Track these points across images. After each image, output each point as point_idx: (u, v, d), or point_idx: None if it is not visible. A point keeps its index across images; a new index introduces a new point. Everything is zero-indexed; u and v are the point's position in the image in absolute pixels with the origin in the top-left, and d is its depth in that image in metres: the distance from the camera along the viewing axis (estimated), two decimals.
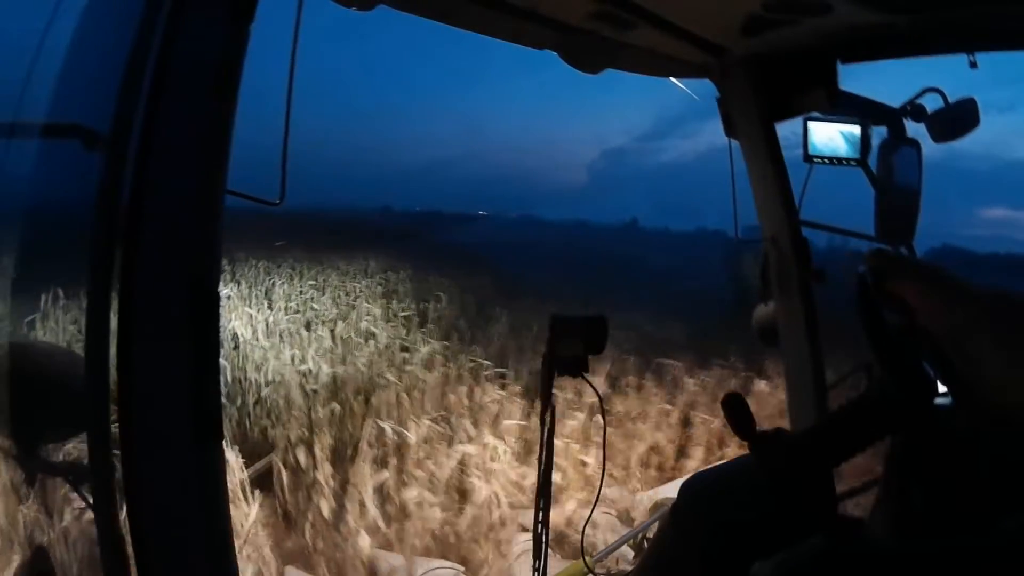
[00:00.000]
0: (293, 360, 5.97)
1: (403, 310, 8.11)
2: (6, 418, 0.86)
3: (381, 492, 4.17)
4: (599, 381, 6.00)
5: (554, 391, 1.46)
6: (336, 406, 5.05)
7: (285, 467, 4.32)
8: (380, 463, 4.43)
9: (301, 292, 8.47)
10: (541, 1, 1.43)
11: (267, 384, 5.56)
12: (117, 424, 0.70)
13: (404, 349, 6.65)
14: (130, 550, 0.70)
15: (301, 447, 4.43)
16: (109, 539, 0.73)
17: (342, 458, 4.51)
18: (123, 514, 0.71)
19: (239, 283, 8.31)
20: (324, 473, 4.26)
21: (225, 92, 0.73)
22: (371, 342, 6.70)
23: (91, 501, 0.75)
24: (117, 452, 0.70)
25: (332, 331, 6.92)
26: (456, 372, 5.92)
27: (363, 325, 7.21)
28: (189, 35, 0.72)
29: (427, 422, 4.78)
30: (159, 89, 0.71)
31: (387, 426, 4.65)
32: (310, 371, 5.81)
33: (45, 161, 0.94)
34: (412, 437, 4.58)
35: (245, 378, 5.70)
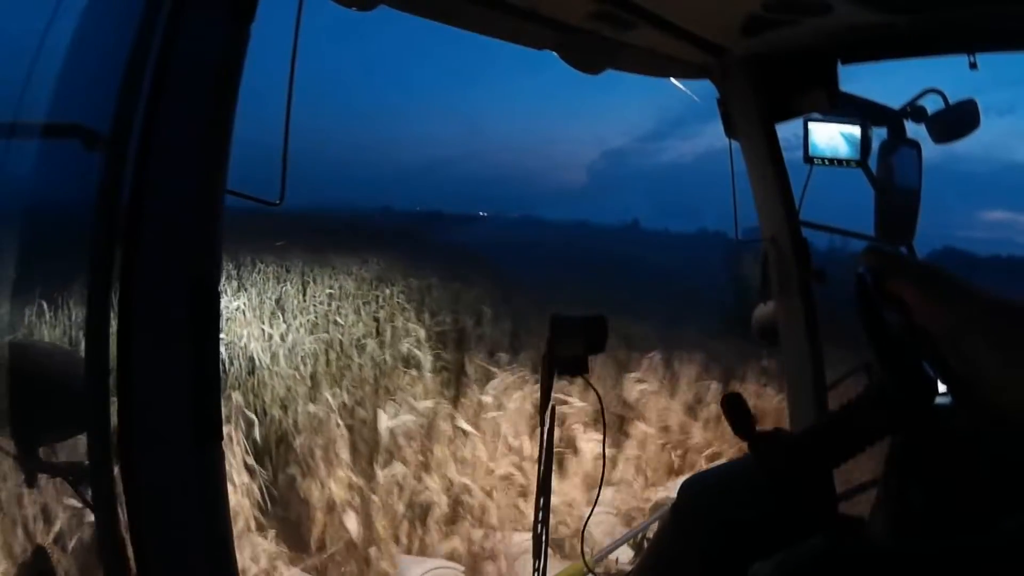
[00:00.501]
0: (333, 397, 4.80)
1: (437, 325, 6.83)
2: (6, 418, 0.86)
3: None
4: (676, 409, 5.31)
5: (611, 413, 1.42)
6: (400, 467, 4.08)
7: (324, 533, 3.57)
8: (458, 536, 3.70)
9: (320, 303, 7.18)
10: (541, 1, 1.43)
11: (299, 430, 4.40)
12: (117, 424, 0.70)
13: (444, 371, 5.60)
14: (130, 550, 0.70)
15: (351, 515, 3.69)
16: (109, 539, 0.73)
17: (410, 533, 3.76)
18: (123, 514, 0.71)
19: (246, 290, 7.22)
20: (387, 555, 3.59)
21: (225, 92, 0.73)
22: (416, 369, 5.61)
23: (91, 501, 0.75)
24: (117, 452, 0.70)
25: (362, 352, 5.86)
26: (533, 409, 4.69)
27: (404, 348, 5.92)
28: (189, 35, 0.72)
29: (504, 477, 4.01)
30: (159, 89, 0.71)
31: (462, 485, 3.90)
32: (344, 405, 4.77)
33: (45, 161, 0.94)
34: (494, 504, 3.86)
35: (265, 413, 4.60)
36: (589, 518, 2.03)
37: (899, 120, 1.86)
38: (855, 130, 1.84)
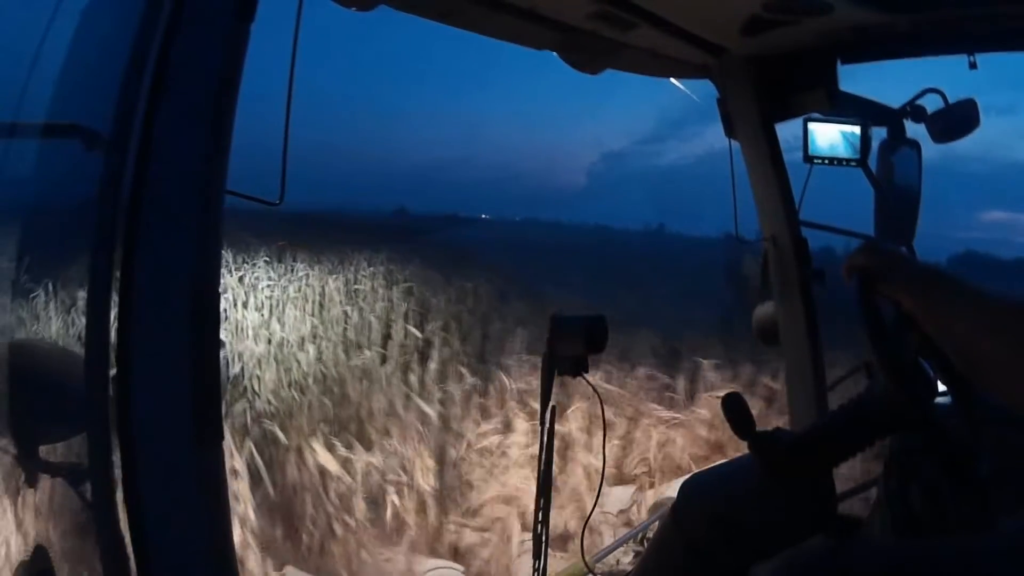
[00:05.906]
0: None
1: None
2: (6, 418, 0.86)
3: None
4: None
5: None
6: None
7: None
8: None
9: (362, 342, 6.06)
10: (541, 1, 1.43)
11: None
12: (117, 424, 0.70)
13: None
14: (130, 550, 0.70)
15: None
16: (109, 539, 0.73)
17: None
18: (123, 514, 0.71)
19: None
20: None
21: (225, 92, 0.73)
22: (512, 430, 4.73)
23: (91, 501, 0.75)
24: (117, 452, 0.70)
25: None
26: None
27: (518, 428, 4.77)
28: (189, 35, 0.72)
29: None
30: (159, 89, 0.71)
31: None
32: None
33: (45, 161, 0.94)
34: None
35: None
36: (589, 518, 2.03)
37: (899, 120, 1.86)
38: (855, 130, 1.85)
